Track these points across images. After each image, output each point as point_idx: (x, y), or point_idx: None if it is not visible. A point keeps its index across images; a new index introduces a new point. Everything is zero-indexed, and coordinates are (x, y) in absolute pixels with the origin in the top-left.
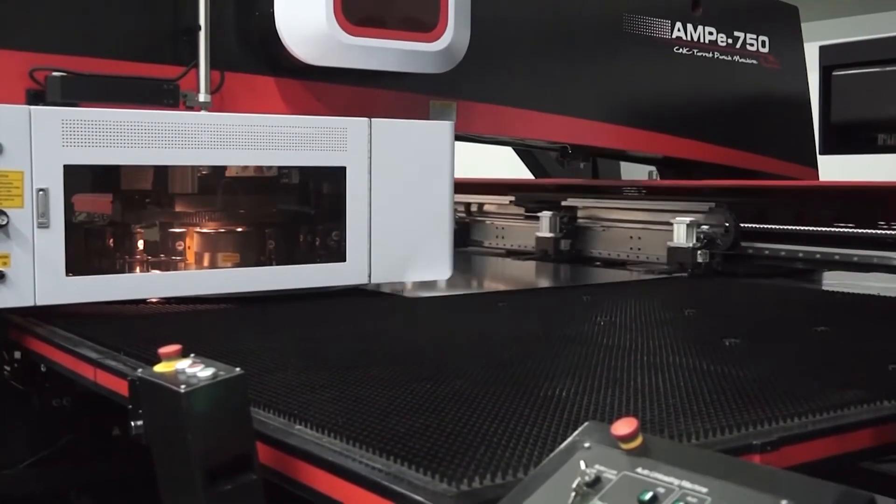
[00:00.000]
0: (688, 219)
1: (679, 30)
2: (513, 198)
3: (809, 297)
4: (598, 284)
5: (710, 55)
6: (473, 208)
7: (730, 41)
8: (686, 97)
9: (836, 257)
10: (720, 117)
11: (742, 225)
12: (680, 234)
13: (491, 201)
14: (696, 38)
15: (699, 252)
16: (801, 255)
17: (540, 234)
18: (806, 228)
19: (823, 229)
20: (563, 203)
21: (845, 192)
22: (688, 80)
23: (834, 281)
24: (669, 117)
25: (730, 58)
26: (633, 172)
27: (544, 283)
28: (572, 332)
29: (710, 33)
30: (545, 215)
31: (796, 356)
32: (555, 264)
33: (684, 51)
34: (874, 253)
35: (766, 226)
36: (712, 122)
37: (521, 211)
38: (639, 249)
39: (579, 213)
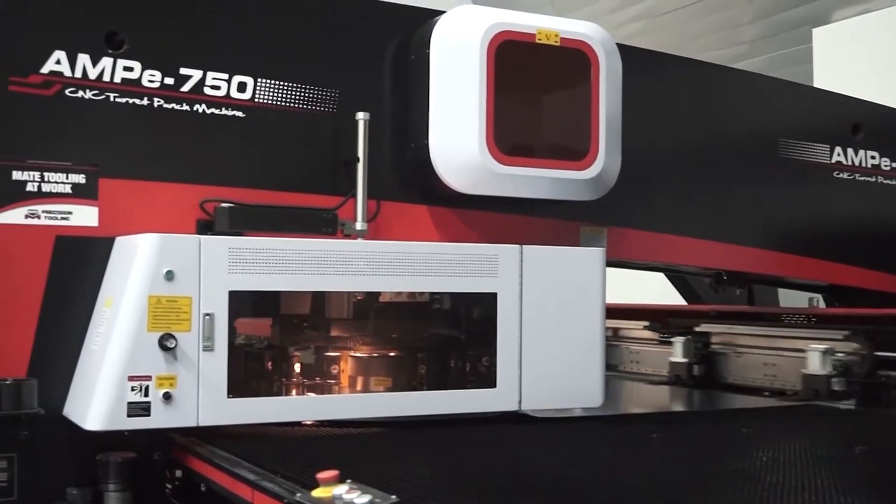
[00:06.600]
0: (823, 346)
1: (839, 154)
2: (647, 323)
3: None
4: (754, 414)
5: (873, 179)
6: (609, 333)
7: (894, 165)
8: (847, 223)
9: None
10: (885, 243)
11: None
12: (814, 362)
13: (626, 326)
14: (857, 163)
15: (834, 380)
16: None
17: (673, 360)
18: None
19: None
20: (697, 329)
21: None
22: (849, 205)
23: None
24: (829, 243)
25: (895, 182)
26: (793, 299)
27: (678, 407)
28: (733, 467)
29: (873, 157)
30: (678, 341)
31: None
32: (689, 389)
33: (845, 175)
34: None
35: None
36: (876, 249)
37: (656, 336)
38: (773, 376)
39: (713, 339)
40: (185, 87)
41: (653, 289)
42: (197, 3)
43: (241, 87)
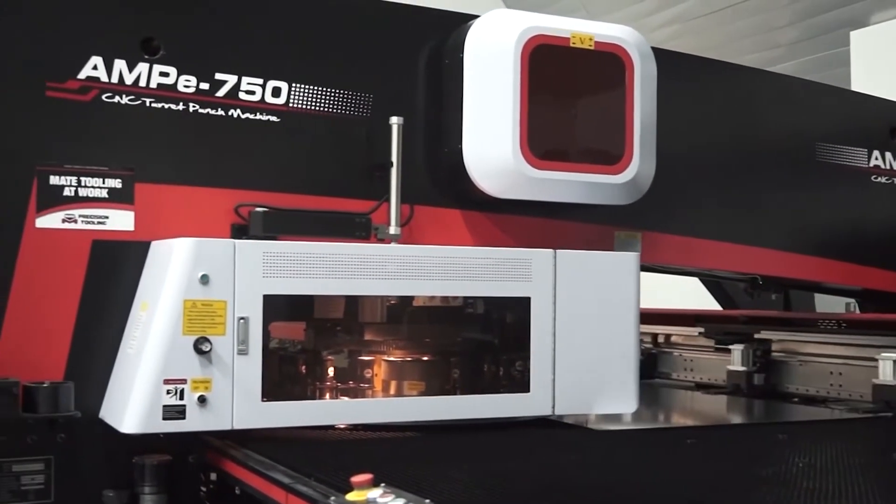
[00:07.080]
0: (894, 354)
1: (877, 158)
2: (702, 329)
3: None
4: (795, 422)
5: None
6: (660, 339)
7: None
8: (885, 227)
9: None
10: None
11: None
12: (886, 371)
13: (678, 332)
14: (895, 167)
15: None
16: None
17: (732, 368)
18: None
19: None
20: (757, 336)
21: None
22: (886, 209)
23: None
24: (867, 248)
25: None
26: (829, 304)
27: (737, 419)
28: (767, 473)
29: None
30: (737, 348)
31: None
32: (748, 399)
33: (883, 179)
34: None
35: None
36: None
37: (711, 343)
38: (840, 386)
39: (774, 347)
40: (221, 93)
41: (687, 292)
42: (232, 9)
43: (276, 92)
